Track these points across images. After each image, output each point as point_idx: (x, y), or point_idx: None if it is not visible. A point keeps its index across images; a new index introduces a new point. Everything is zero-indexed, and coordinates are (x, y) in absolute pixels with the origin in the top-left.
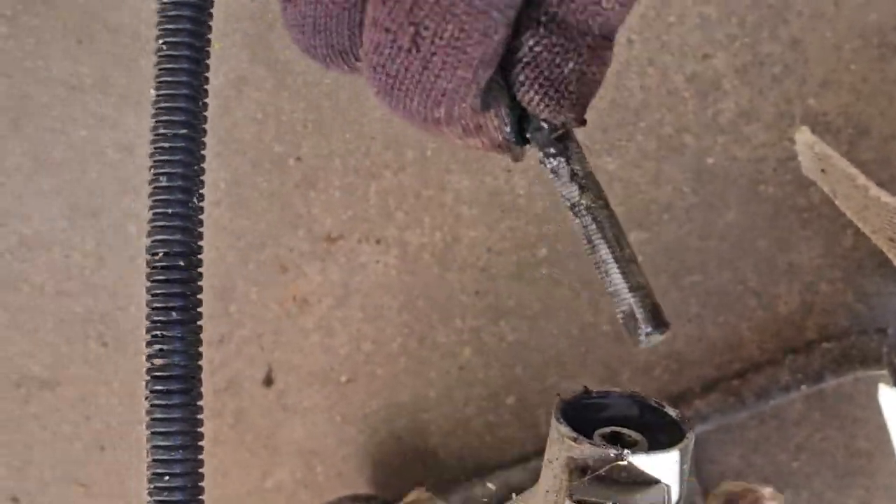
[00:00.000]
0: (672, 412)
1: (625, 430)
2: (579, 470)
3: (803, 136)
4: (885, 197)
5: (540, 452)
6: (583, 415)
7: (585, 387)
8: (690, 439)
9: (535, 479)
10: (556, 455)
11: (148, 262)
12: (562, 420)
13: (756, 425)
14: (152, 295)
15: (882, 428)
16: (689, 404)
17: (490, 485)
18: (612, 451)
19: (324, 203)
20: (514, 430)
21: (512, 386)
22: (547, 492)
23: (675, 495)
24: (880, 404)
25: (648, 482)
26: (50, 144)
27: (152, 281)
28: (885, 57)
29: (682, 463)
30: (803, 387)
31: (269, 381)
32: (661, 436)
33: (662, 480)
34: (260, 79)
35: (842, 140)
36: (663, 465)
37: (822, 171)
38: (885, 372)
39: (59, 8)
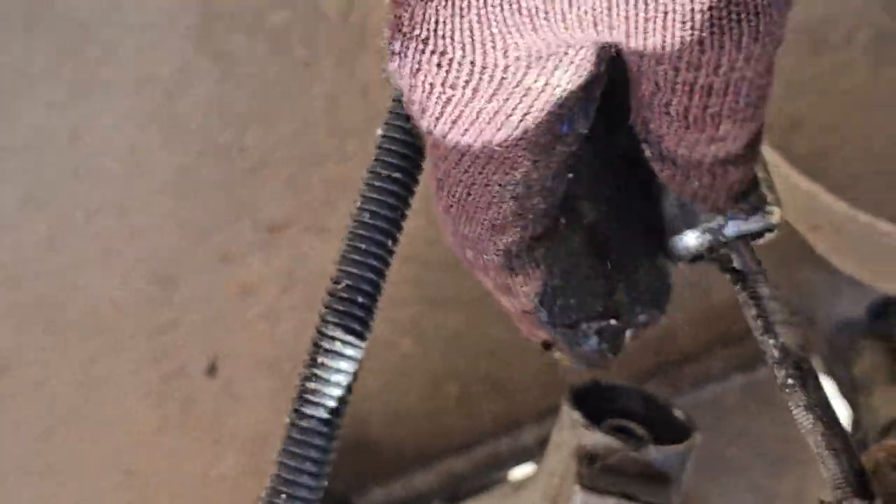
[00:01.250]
0: (678, 412)
1: (630, 424)
2: (588, 457)
3: None
4: (804, 184)
5: (482, 441)
6: (589, 405)
7: (595, 379)
8: (697, 438)
9: (477, 467)
10: (565, 441)
11: (329, 290)
12: (574, 406)
13: (693, 413)
14: (323, 320)
15: None
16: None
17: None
18: (625, 443)
19: (268, 193)
20: (456, 419)
21: (453, 375)
22: (551, 475)
23: (679, 491)
24: None
25: (655, 475)
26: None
27: (327, 307)
28: (817, 51)
29: (687, 460)
30: (736, 376)
31: (214, 370)
32: (661, 433)
33: (669, 475)
34: (204, 69)
35: (775, 133)
36: (672, 460)
37: None
38: (816, 359)
39: None
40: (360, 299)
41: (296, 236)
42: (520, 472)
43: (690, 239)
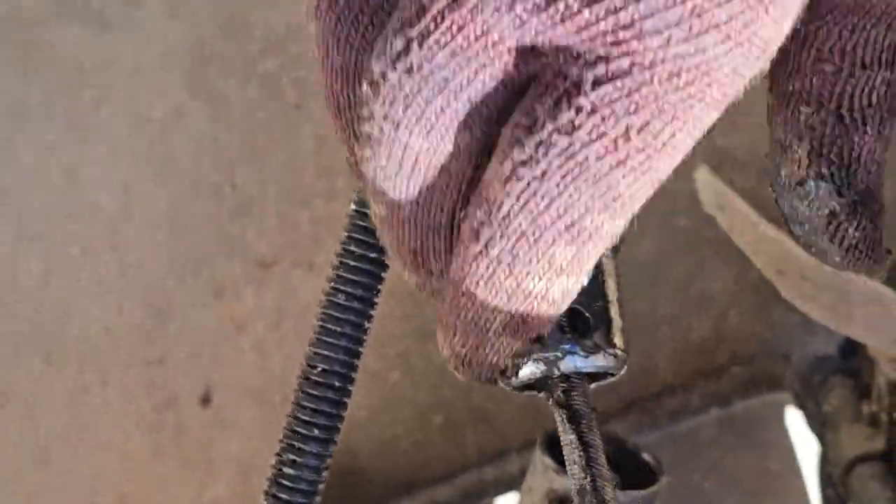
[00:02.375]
0: (646, 456)
1: None
2: (558, 501)
3: (703, 175)
4: (772, 232)
5: (466, 470)
6: (561, 449)
7: None
8: (664, 483)
9: (463, 496)
10: (537, 485)
11: (304, 373)
12: (546, 452)
13: (670, 446)
14: (300, 406)
15: (790, 450)
16: (605, 425)
17: None
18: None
19: (258, 229)
20: (442, 449)
21: (439, 406)
22: None
23: None
24: (787, 427)
25: None
26: None
27: (303, 392)
28: None
29: (653, 503)
30: (713, 409)
31: (206, 400)
32: (631, 476)
33: None
34: (197, 110)
35: (749, 175)
36: None
37: (720, 207)
38: (789, 395)
39: (7, 39)
40: (336, 383)
41: (285, 271)
42: (503, 501)
43: (523, 367)
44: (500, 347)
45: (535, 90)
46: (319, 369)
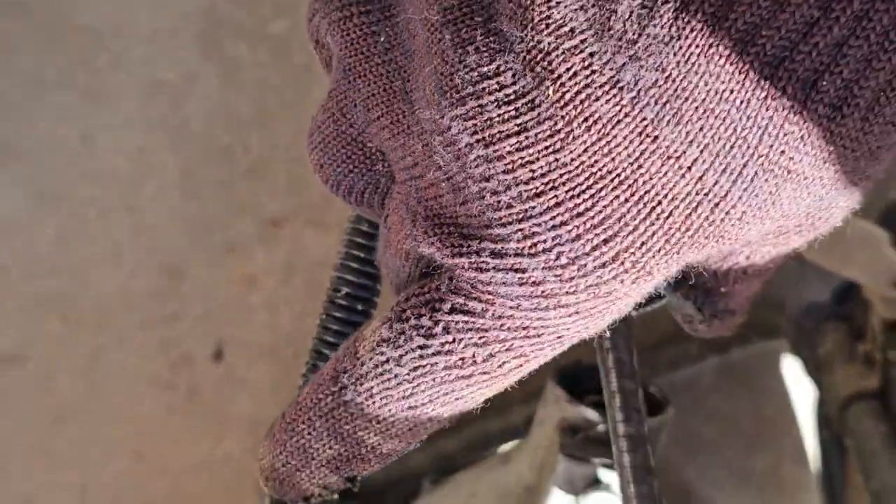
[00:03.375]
0: (654, 388)
1: None
2: (570, 429)
3: None
4: None
5: (471, 423)
6: (572, 382)
7: (579, 360)
8: (670, 412)
9: (467, 448)
10: (549, 415)
11: (329, 297)
12: (558, 384)
13: (670, 393)
14: (325, 328)
15: (786, 396)
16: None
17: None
18: (604, 416)
19: (270, 190)
20: None
21: None
22: (537, 447)
23: (651, 461)
24: (782, 374)
25: None
26: (16, 135)
27: (328, 315)
28: None
29: (661, 432)
30: (711, 357)
31: (219, 356)
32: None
33: None
34: (210, 74)
35: None
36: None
37: None
38: (785, 342)
39: (29, 9)
40: (358, 307)
41: (295, 230)
42: (507, 446)
43: None
44: (317, 478)
45: (421, 281)
46: (343, 292)
